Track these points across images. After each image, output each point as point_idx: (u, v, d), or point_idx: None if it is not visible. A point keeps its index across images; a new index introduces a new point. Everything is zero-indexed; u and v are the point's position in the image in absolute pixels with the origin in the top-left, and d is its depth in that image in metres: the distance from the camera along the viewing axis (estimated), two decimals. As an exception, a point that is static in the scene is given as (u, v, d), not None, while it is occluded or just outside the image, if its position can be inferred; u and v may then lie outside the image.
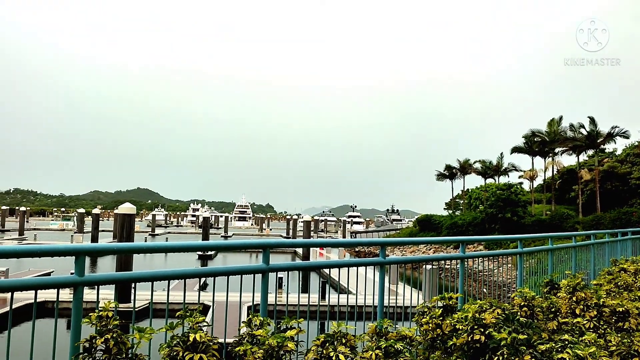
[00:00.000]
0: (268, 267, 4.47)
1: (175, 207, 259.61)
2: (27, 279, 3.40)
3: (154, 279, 3.93)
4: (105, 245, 3.80)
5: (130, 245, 3.99)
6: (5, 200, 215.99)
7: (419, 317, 4.74)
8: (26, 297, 19.58)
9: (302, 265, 5.14)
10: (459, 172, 76.71)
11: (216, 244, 4.51)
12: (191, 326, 3.48)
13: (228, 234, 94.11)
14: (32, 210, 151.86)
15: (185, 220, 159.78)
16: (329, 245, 5.57)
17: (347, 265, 5.41)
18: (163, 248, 4.27)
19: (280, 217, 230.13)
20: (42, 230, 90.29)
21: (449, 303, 4.73)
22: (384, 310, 5.69)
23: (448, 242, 7.27)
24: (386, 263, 5.60)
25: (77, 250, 3.55)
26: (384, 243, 5.73)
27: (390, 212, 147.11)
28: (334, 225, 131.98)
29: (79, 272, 3.50)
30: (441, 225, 62.82)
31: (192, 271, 4.24)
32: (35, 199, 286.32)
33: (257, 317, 3.84)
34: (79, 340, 3.34)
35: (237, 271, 4.39)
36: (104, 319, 3.22)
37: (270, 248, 4.58)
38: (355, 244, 8.06)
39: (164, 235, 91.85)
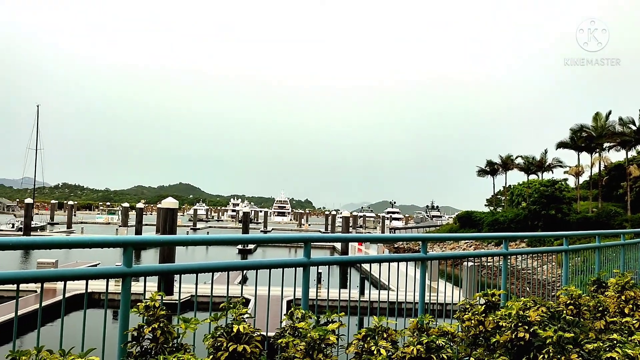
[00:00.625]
0: (309, 261, 4.50)
1: (216, 202, 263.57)
2: (78, 269, 3.52)
3: (198, 271, 4.01)
4: (152, 238, 3.90)
5: (174, 238, 4.08)
6: (54, 195, 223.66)
7: (461, 313, 4.69)
8: (74, 288, 20.28)
9: (343, 260, 5.16)
10: (501, 167, 75.18)
11: (259, 237, 4.57)
12: (234, 318, 3.54)
13: (267, 229, 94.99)
14: (80, 205, 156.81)
15: (225, 215, 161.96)
16: (369, 241, 5.58)
17: (388, 260, 5.40)
18: (206, 240, 4.35)
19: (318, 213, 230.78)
20: (89, 223, 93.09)
21: (492, 300, 4.66)
22: (424, 307, 5.65)
23: (490, 238, 7.17)
24: (427, 259, 5.56)
25: (125, 241, 3.65)
26: (425, 239, 5.69)
27: (430, 208, 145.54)
28: (372, 221, 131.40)
29: (127, 263, 3.60)
30: (482, 222, 61.75)
31: (235, 264, 4.31)
32: (82, 193, 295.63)
33: (299, 310, 3.88)
34: (127, 329, 3.45)
35: (279, 264, 4.44)
36: (151, 309, 3.31)
37: (312, 242, 4.61)
38: (396, 240, 8.02)
39: (205, 229, 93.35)
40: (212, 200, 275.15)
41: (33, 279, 3.31)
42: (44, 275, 3.28)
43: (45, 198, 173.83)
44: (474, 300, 4.85)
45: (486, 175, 78.18)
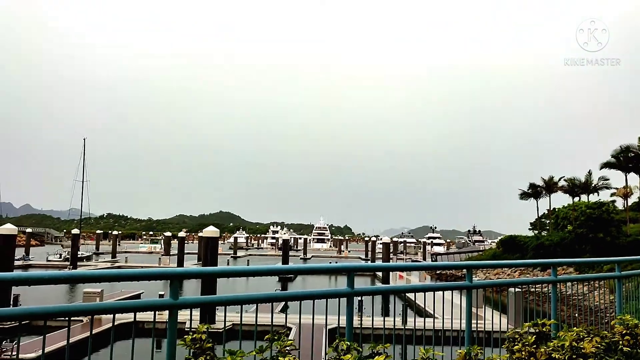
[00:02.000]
0: (353, 291, 4.46)
1: (256, 229, 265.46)
2: (127, 302, 3.58)
3: (242, 302, 4.02)
4: (197, 270, 3.95)
5: (219, 270, 4.12)
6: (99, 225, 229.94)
7: (510, 343, 4.54)
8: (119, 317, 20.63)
9: (386, 289, 5.09)
10: (544, 190, 73.41)
11: (302, 268, 4.57)
12: (279, 349, 3.52)
13: (307, 256, 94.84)
14: (123, 234, 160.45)
15: (265, 243, 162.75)
16: (413, 269, 5.50)
17: (433, 289, 5.30)
18: (250, 272, 4.37)
19: (358, 239, 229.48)
20: (133, 252, 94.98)
21: (542, 330, 4.51)
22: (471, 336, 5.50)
23: (538, 265, 6.95)
24: (473, 287, 5.43)
25: (171, 274, 3.70)
26: (470, 266, 5.56)
27: (472, 232, 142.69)
28: (413, 246, 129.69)
29: (174, 296, 3.64)
30: (526, 247, 60.12)
31: (278, 295, 4.30)
32: (126, 223, 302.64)
33: (344, 341, 3.83)
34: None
35: (323, 295, 4.41)
36: (198, 342, 3.33)
37: (355, 272, 4.57)
38: (441, 268, 7.77)
39: (246, 257, 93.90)
40: (252, 227, 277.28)
41: (83, 312, 3.38)
42: (94, 308, 3.36)
43: (90, 228, 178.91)
44: (523, 329, 4.69)
45: (529, 198, 76.45)
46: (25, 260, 66.02)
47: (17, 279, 3.12)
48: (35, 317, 3.12)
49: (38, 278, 3.21)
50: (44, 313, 3.14)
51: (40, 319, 3.12)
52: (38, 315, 3.11)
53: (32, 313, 3.10)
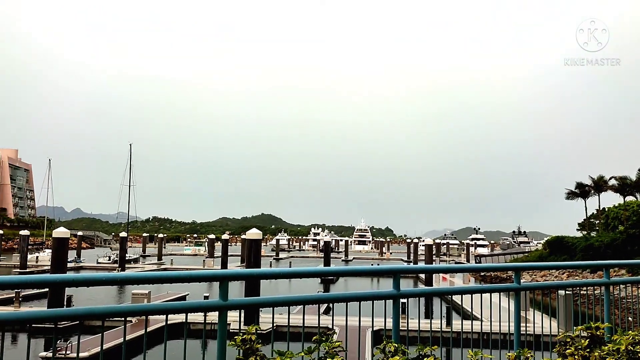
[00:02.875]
0: (399, 293, 4.45)
1: (297, 231, 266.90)
2: (179, 303, 3.68)
3: (289, 303, 4.07)
4: (245, 271, 4.02)
5: (266, 271, 4.18)
6: (145, 228, 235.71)
7: (561, 347, 4.44)
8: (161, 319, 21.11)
9: (433, 291, 5.05)
10: (593, 189, 71.18)
11: (347, 270, 4.59)
12: (327, 351, 3.55)
13: (348, 258, 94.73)
14: (168, 237, 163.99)
15: (306, 245, 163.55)
16: (460, 271, 5.43)
17: (480, 291, 5.22)
18: (295, 273, 4.40)
19: (400, 241, 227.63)
20: (177, 255, 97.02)
21: (596, 333, 4.39)
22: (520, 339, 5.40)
23: (590, 267, 6.76)
24: (522, 289, 5.33)
25: (221, 275, 3.79)
26: (518, 268, 5.46)
27: (517, 234, 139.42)
28: (456, 248, 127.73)
29: (223, 297, 3.72)
30: (575, 248, 58.37)
31: (325, 296, 4.34)
32: (170, 226, 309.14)
33: (391, 343, 3.83)
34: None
35: (369, 297, 4.42)
36: (248, 342, 3.39)
37: (401, 274, 4.56)
38: (487, 270, 7.59)
39: (288, 259, 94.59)
40: (293, 230, 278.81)
41: (139, 313, 3.50)
42: (148, 309, 3.47)
43: (137, 231, 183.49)
44: (575, 333, 4.58)
45: (576, 197, 74.28)
46: (77, 262, 68.35)
47: (73, 280, 3.25)
48: (95, 317, 3.25)
49: (93, 279, 3.34)
50: (103, 313, 3.27)
51: (98, 318, 3.25)
52: (97, 315, 3.24)
53: (92, 313, 3.23)
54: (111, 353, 18.48)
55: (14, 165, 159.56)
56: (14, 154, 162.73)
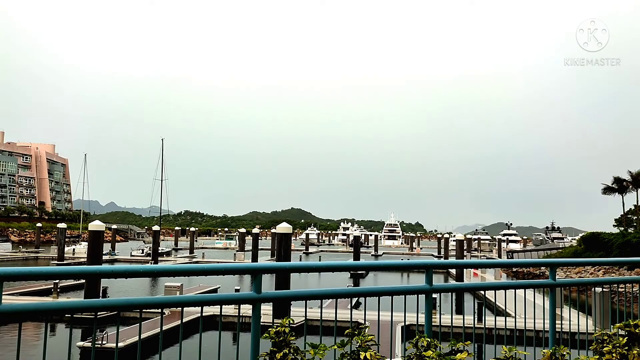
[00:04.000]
0: (431, 287, 4.44)
1: (327, 225, 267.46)
2: (213, 295, 3.75)
3: (322, 296, 4.10)
4: (277, 264, 4.07)
5: (297, 264, 4.21)
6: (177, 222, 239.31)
7: (598, 345, 4.36)
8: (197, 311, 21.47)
9: (465, 286, 5.02)
10: (631, 184, 69.18)
11: (378, 264, 4.59)
12: (360, 344, 3.56)
13: (378, 253, 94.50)
14: (200, 230, 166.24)
15: (336, 239, 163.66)
16: (493, 267, 5.38)
17: (514, 287, 5.16)
18: (326, 267, 4.42)
19: (430, 236, 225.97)
20: (209, 248, 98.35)
21: (635, 331, 4.29)
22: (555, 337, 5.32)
23: (627, 263, 6.60)
24: (557, 285, 5.24)
25: (254, 268, 3.83)
26: (554, 264, 5.37)
27: (550, 229, 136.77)
28: (487, 244, 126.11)
29: (257, 289, 3.77)
30: (611, 244, 56.93)
31: (358, 290, 4.35)
32: (202, 220, 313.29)
33: (424, 337, 3.82)
34: (259, 353, 3.60)
35: (401, 291, 4.42)
36: (282, 335, 3.43)
37: (434, 269, 4.54)
38: (522, 265, 7.43)
39: (317, 253, 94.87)
40: (323, 224, 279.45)
41: (175, 304, 3.58)
42: (184, 301, 3.55)
43: (169, 225, 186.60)
44: (613, 331, 4.49)
45: (613, 193, 72.30)
46: (112, 255, 69.95)
47: (109, 271, 3.33)
48: (132, 308, 3.33)
49: (130, 271, 3.42)
50: (140, 304, 3.35)
51: (136, 309, 3.33)
52: (135, 305, 3.33)
53: (130, 304, 3.32)
54: (146, 344, 18.89)
55: (52, 160, 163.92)
56: (51, 149, 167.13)
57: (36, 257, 70.25)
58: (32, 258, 69.86)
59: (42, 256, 71.35)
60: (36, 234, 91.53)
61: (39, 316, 3.14)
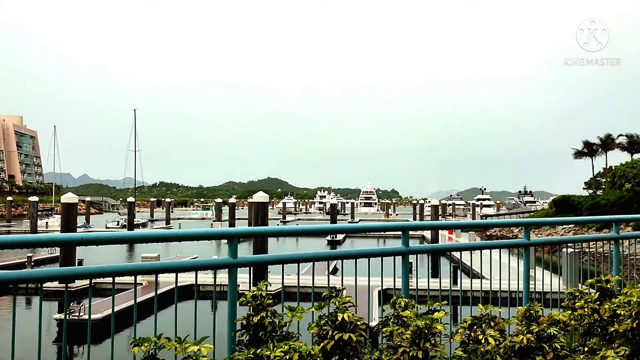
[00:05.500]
0: (408, 249, 4.44)
1: (303, 194, 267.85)
2: (188, 261, 3.68)
3: (299, 260, 4.07)
4: (254, 229, 4.02)
5: (275, 229, 4.17)
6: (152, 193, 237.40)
7: (570, 301, 4.45)
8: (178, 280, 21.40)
9: (442, 247, 5.04)
10: (600, 148, 70.66)
11: (356, 227, 4.58)
12: (337, 306, 3.55)
13: (355, 220, 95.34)
14: (176, 201, 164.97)
15: (313, 207, 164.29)
16: (467, 227, 5.42)
17: (489, 247, 5.21)
18: (304, 231, 4.40)
19: (406, 202, 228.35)
20: (185, 219, 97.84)
21: (607, 287, 4.39)
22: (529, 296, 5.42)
23: (599, 221, 6.73)
24: (531, 245, 5.31)
25: (230, 233, 3.78)
26: (528, 224, 5.44)
27: (523, 193, 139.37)
28: (462, 209, 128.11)
29: (232, 254, 3.71)
30: (581, 206, 58.39)
31: (333, 253, 4.34)
32: (177, 191, 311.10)
33: (402, 298, 3.83)
34: (236, 317, 3.57)
35: (378, 253, 4.42)
36: (259, 299, 3.40)
37: (410, 230, 4.54)
38: (496, 225, 7.44)
39: (294, 222, 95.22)
40: (300, 193, 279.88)
41: (148, 271, 3.50)
42: (158, 267, 3.47)
43: (144, 196, 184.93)
44: (584, 287, 4.58)
45: (584, 157, 73.84)
46: (86, 227, 69.15)
47: (85, 239, 3.24)
48: (104, 275, 3.25)
49: (104, 238, 3.34)
50: (113, 271, 3.27)
51: (109, 276, 3.26)
52: (108, 273, 3.25)
53: (103, 271, 3.24)
54: (122, 315, 18.83)
55: (20, 132, 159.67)
56: (18, 121, 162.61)
57: (8, 231, 69.06)
58: (4, 232, 68.67)
59: (15, 230, 70.22)
60: (7, 208, 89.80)
61: (8, 287, 3.04)
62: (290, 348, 3.01)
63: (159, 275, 3.59)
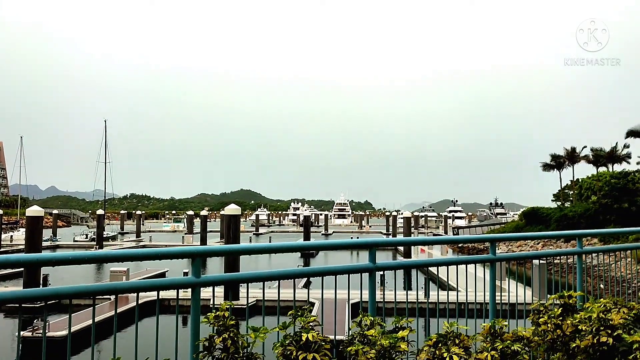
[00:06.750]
0: (375, 266, 4.44)
1: (277, 206, 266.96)
2: (149, 281, 3.61)
3: (265, 279, 4.03)
4: (219, 248, 3.95)
5: (241, 247, 4.12)
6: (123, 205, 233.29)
7: (535, 316, 4.50)
8: (144, 295, 21.02)
9: (409, 263, 5.05)
10: (567, 161, 72.30)
11: (324, 244, 4.56)
12: (303, 325, 3.52)
13: (328, 232, 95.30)
14: (147, 214, 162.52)
15: (286, 219, 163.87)
16: (436, 243, 5.44)
17: (456, 262, 5.25)
18: (271, 248, 4.35)
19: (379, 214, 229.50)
20: (156, 232, 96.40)
21: (569, 302, 4.45)
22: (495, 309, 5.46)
23: (563, 236, 6.84)
24: (497, 260, 5.37)
25: (193, 252, 3.72)
26: (494, 239, 5.50)
27: (494, 205, 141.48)
28: (434, 220, 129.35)
29: (195, 274, 3.66)
30: (549, 218, 59.50)
31: (301, 271, 4.30)
32: (149, 203, 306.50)
33: (367, 316, 3.82)
34: (198, 338, 3.50)
35: (345, 270, 4.40)
36: (221, 319, 3.35)
37: (377, 247, 4.54)
38: (464, 241, 7.48)
39: (268, 234, 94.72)
40: (273, 205, 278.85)
41: (108, 292, 3.42)
42: (118, 288, 3.39)
43: (115, 209, 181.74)
44: (549, 302, 4.64)
45: (552, 169, 75.42)
46: (53, 241, 67.51)
47: (45, 259, 3.16)
48: (63, 297, 3.16)
49: (65, 259, 3.25)
50: (72, 293, 3.18)
51: (67, 298, 3.17)
52: (66, 295, 3.16)
53: (60, 293, 3.15)
54: (87, 332, 18.38)
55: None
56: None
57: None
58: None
59: (-22, 244, 68.09)
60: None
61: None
62: (251, 371, 2.96)
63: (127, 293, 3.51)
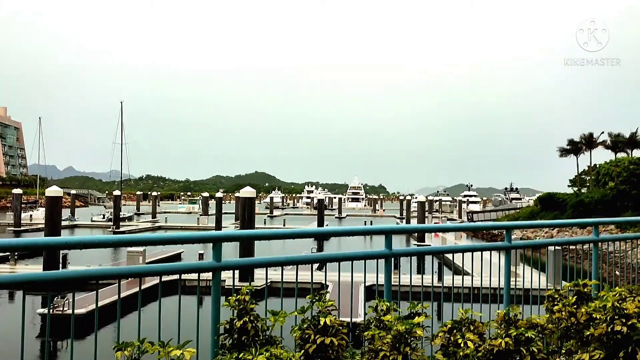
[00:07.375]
0: (391, 252, 4.49)
1: (291, 189, 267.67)
2: (173, 264, 3.71)
3: (282, 263, 4.11)
4: (237, 233, 4.06)
5: (258, 232, 4.20)
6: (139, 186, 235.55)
7: (549, 303, 4.53)
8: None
9: (424, 250, 5.11)
10: (585, 146, 71.42)
11: (339, 230, 4.63)
12: (320, 310, 3.60)
13: (342, 215, 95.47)
14: (162, 195, 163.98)
15: (300, 202, 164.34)
16: (451, 230, 5.49)
17: (471, 249, 5.28)
18: (288, 234, 4.42)
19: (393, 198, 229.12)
20: (172, 213, 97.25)
21: (583, 290, 4.47)
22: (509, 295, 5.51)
23: (580, 224, 6.83)
24: (512, 247, 5.39)
25: (214, 237, 3.80)
26: (509, 227, 5.51)
27: (509, 190, 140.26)
28: (449, 205, 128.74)
29: (217, 258, 3.75)
30: (565, 204, 58.98)
31: (318, 256, 4.38)
32: (164, 184, 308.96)
33: (384, 301, 3.89)
34: (219, 321, 3.60)
35: (361, 256, 4.47)
36: (242, 303, 3.44)
37: (393, 234, 4.60)
38: (478, 229, 7.45)
39: (282, 216, 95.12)
40: (287, 187, 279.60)
41: (133, 274, 3.52)
42: (142, 271, 3.50)
43: (130, 190, 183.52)
44: (564, 290, 4.67)
45: (569, 154, 74.59)
46: (71, 220, 68.46)
47: (68, 243, 3.26)
48: (89, 279, 3.27)
49: (90, 242, 3.35)
50: (96, 275, 3.28)
51: (92, 280, 3.27)
52: (90, 277, 3.26)
53: (85, 275, 3.25)
54: (107, 310, 18.78)
55: (4, 124, 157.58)
56: (3, 112, 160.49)
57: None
58: (-14, 226, 67.86)
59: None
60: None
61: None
62: (272, 355, 3.05)
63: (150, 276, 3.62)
